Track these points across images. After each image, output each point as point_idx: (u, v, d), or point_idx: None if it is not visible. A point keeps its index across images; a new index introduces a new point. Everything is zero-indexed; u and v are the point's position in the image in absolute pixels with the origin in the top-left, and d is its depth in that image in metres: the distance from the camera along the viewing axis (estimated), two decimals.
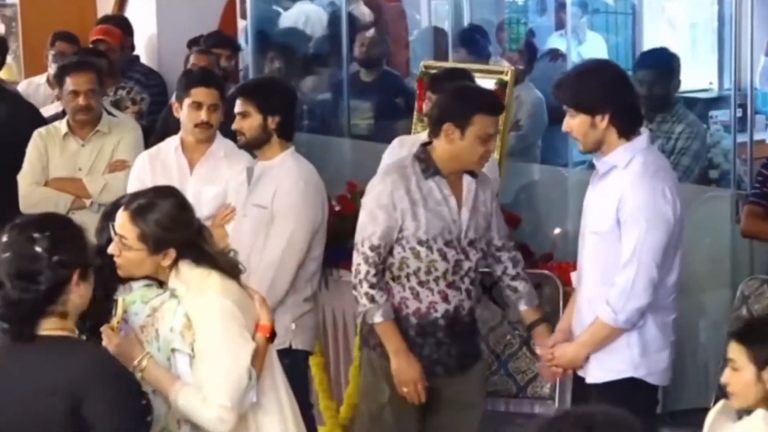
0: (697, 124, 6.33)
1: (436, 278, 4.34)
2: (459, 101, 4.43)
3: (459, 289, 4.39)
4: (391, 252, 4.41)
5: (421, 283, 4.36)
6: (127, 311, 3.45)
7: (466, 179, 4.45)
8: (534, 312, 4.61)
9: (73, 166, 5.77)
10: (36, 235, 3.05)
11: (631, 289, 4.13)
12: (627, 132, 4.17)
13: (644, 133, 4.23)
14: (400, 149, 5.40)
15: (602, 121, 4.14)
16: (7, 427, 3.06)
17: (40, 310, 3.03)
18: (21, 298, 2.99)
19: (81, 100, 5.69)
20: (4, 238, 3.05)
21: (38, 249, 3.01)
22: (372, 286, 4.35)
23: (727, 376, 3.45)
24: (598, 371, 4.27)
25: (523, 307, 4.61)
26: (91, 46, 7.24)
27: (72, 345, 3.11)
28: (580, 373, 4.38)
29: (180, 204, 3.67)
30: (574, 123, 4.21)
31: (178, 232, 3.58)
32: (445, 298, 4.35)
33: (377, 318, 4.33)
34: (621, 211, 4.14)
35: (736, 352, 3.43)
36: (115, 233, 3.61)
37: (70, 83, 5.73)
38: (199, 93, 5.17)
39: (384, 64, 7.94)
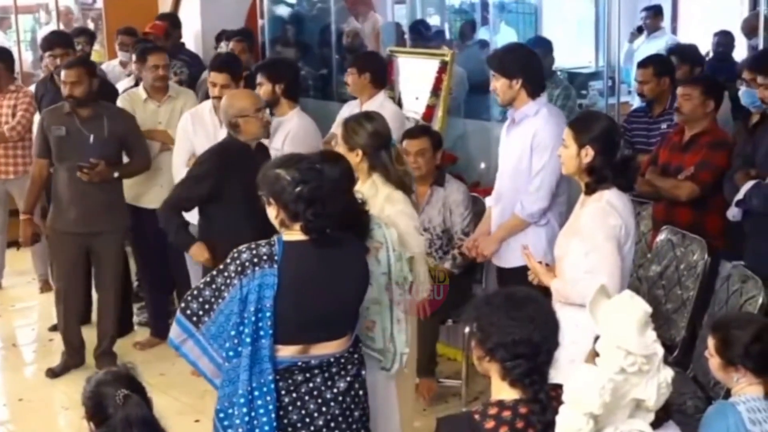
0: (569, 89, 7.03)
1: None
2: None
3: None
4: None
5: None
6: None
7: (431, 190, 5.39)
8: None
9: (153, 121, 6.33)
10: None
11: (536, 193, 4.56)
12: (534, 93, 4.62)
13: (544, 94, 4.73)
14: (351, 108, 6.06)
15: (516, 84, 4.58)
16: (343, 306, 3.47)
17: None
18: (333, 211, 3.41)
19: (160, 71, 6.36)
20: (325, 169, 3.47)
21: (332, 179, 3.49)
22: None
23: (559, 150, 3.92)
24: (513, 258, 4.61)
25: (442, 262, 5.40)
26: (142, 37, 7.82)
27: (340, 241, 3.51)
28: (496, 262, 4.83)
29: None
30: (497, 84, 4.61)
31: None
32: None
33: None
34: (534, 142, 4.54)
35: (567, 134, 3.87)
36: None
37: (151, 60, 6.37)
38: (213, 75, 5.72)
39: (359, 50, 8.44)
